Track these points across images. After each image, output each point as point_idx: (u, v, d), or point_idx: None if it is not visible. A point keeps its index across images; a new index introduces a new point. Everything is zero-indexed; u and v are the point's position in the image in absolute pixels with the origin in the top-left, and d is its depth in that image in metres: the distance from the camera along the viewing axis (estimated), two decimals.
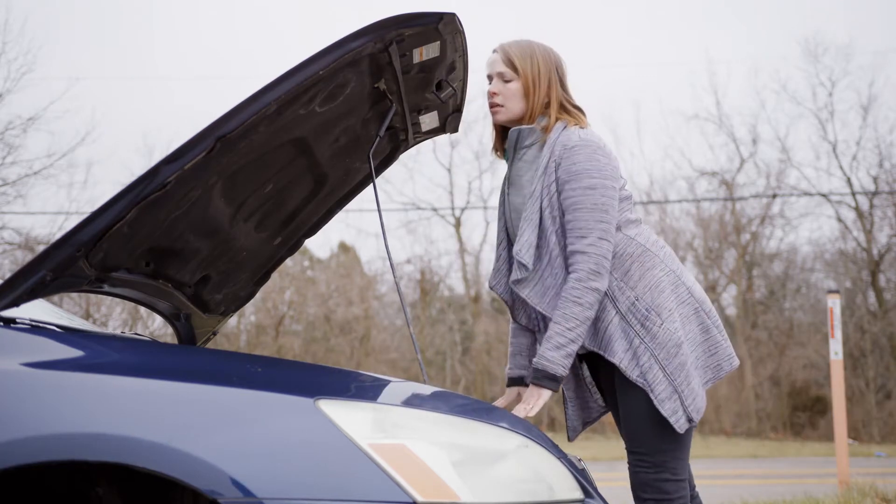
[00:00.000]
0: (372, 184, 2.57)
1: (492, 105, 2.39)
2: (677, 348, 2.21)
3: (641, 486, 2.26)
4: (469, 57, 2.41)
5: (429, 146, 22.25)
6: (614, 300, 2.26)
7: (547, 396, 2.19)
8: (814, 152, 29.57)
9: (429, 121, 2.66)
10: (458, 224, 22.33)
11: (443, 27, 2.15)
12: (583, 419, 2.48)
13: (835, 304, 6.69)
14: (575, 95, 2.41)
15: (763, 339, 22.15)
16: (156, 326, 16.86)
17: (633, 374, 2.21)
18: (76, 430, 1.50)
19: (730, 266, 23.07)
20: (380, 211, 2.50)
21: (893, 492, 5.66)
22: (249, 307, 20.06)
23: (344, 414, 1.60)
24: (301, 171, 2.43)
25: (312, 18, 34.64)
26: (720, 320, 2.38)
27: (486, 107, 2.43)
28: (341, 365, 19.64)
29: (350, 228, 30.06)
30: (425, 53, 2.25)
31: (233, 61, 34.10)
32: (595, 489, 1.80)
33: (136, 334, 2.50)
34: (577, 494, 1.73)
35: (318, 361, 18.74)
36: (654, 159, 37.80)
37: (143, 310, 16.42)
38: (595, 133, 2.32)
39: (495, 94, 2.37)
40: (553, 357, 2.18)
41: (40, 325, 1.81)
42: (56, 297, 12.21)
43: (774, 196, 22.67)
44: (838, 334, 6.63)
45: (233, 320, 19.47)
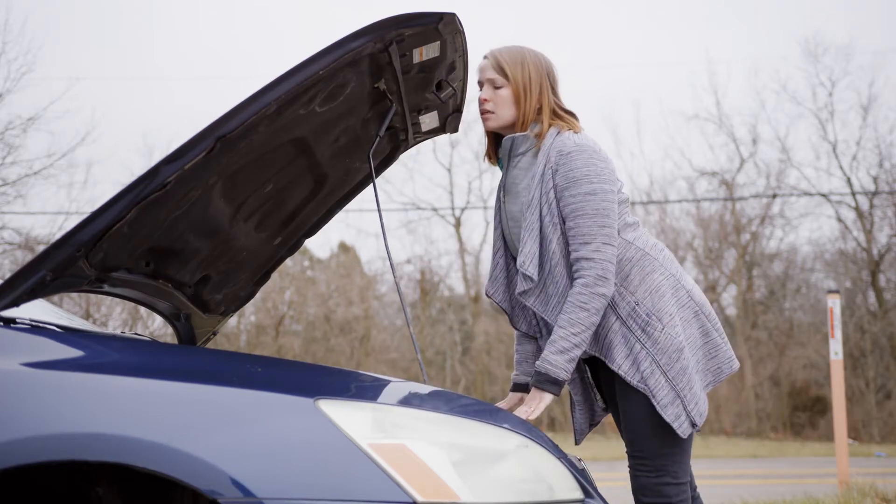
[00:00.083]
0: (372, 184, 2.57)
1: (483, 112, 2.37)
2: (679, 353, 2.21)
3: (642, 490, 2.26)
4: (469, 57, 2.41)
5: (429, 146, 22.26)
6: (614, 305, 2.25)
7: (549, 400, 2.19)
8: (814, 152, 29.63)
9: (429, 121, 2.66)
10: (458, 224, 22.34)
11: (443, 27, 2.15)
12: (589, 421, 2.48)
13: (835, 304, 6.69)
14: (566, 100, 2.39)
15: (763, 339, 22.14)
16: (156, 326, 16.86)
17: (634, 379, 2.21)
18: (76, 430, 1.50)
19: (730, 266, 23.07)
20: (380, 211, 2.50)
21: (893, 492, 5.66)
22: (249, 307, 20.06)
23: (344, 414, 1.60)
24: (301, 171, 2.43)
25: (312, 18, 34.69)
26: (720, 323, 2.37)
27: None
28: (341, 365, 19.63)
29: (350, 228, 30.15)
30: (425, 53, 2.25)
31: (233, 61, 34.16)
32: (595, 489, 1.80)
33: (136, 334, 2.50)
34: (577, 494, 1.73)
35: (318, 361, 18.73)
36: (654, 159, 37.83)
37: (143, 310, 16.42)
38: (589, 137, 2.31)
39: (486, 100, 2.36)
40: (556, 361, 2.18)
41: (40, 325, 1.81)
42: (56, 297, 12.21)
43: (774, 196, 22.67)
44: (838, 334, 6.64)
45: (233, 320, 19.46)
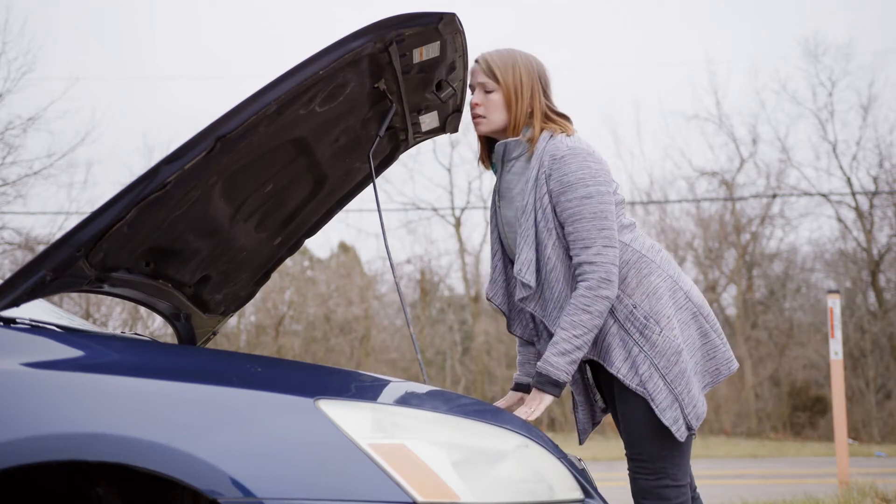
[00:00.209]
0: (372, 184, 2.57)
1: (474, 116, 2.36)
2: (677, 356, 2.20)
3: (642, 493, 2.25)
4: (469, 57, 2.41)
5: (429, 146, 22.23)
6: (612, 309, 2.25)
7: (549, 401, 2.19)
8: (814, 152, 29.53)
9: (429, 121, 2.66)
10: (458, 224, 22.31)
11: (443, 27, 2.15)
12: (591, 421, 2.48)
13: (835, 304, 6.69)
14: (566, 100, 2.40)
15: (763, 339, 22.13)
16: (156, 326, 16.85)
17: (633, 382, 2.21)
18: (76, 430, 1.50)
19: (730, 266, 23.04)
20: (380, 211, 2.50)
21: (893, 492, 5.66)
22: (249, 307, 20.05)
23: (344, 414, 1.60)
24: (301, 171, 2.43)
25: (312, 18, 34.66)
26: (718, 324, 2.36)
27: None
28: (341, 365, 19.63)
29: (350, 228, 30.09)
30: (425, 53, 2.25)
31: (233, 61, 34.13)
32: (595, 489, 1.80)
33: (136, 334, 2.50)
34: (577, 494, 1.73)
35: (318, 361, 18.73)
36: (654, 159, 37.67)
37: (143, 310, 16.42)
38: (582, 139, 2.30)
39: (477, 105, 2.35)
40: (557, 363, 2.17)
41: (40, 325, 1.81)
42: (56, 297, 12.21)
43: (774, 196, 22.65)
44: (838, 334, 6.64)
45: (233, 320, 19.47)
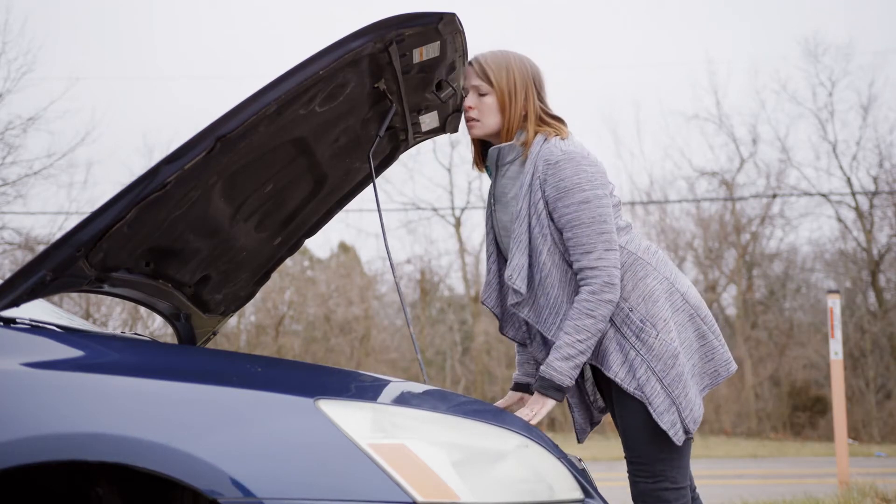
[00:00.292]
0: (372, 184, 2.57)
1: (468, 120, 2.35)
2: (674, 359, 2.19)
3: (641, 496, 2.25)
4: (469, 57, 2.41)
5: (429, 146, 22.23)
6: None
7: (551, 405, 2.19)
8: (814, 152, 29.49)
9: (429, 121, 2.66)
10: (458, 224, 22.30)
11: (443, 27, 2.15)
12: (589, 421, 2.48)
13: (835, 304, 6.69)
14: (567, 101, 2.39)
15: (763, 339, 22.12)
16: (156, 326, 16.85)
17: (631, 386, 2.20)
18: (76, 430, 1.50)
19: (730, 266, 23.04)
20: (380, 211, 2.50)
21: (893, 492, 5.66)
22: (249, 307, 20.05)
23: (344, 414, 1.60)
24: (301, 171, 2.43)
25: (312, 18, 34.66)
26: (717, 325, 2.35)
27: None
28: (341, 365, 19.63)
29: (350, 228, 30.05)
30: (425, 53, 2.25)
31: (233, 61, 34.12)
32: (595, 489, 1.80)
33: (136, 334, 2.51)
34: (577, 494, 1.73)
35: (318, 361, 18.73)
36: (654, 159, 37.69)
37: (143, 310, 16.41)
38: (577, 142, 2.28)
39: (471, 108, 2.33)
40: (561, 368, 2.17)
41: (40, 325, 1.81)
42: (56, 297, 12.21)
43: (774, 196, 22.64)
44: (838, 334, 6.64)
45: (233, 320, 19.47)
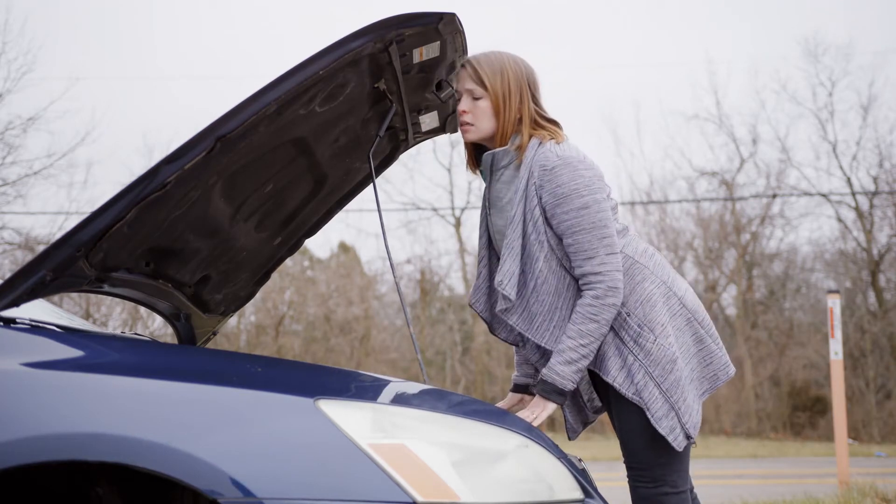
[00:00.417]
0: (372, 184, 2.57)
1: (462, 124, 2.30)
2: (672, 364, 2.18)
3: (642, 501, 2.24)
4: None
5: (429, 146, 22.21)
6: None
7: (552, 409, 2.18)
8: (814, 152, 29.46)
9: (429, 121, 2.66)
10: (458, 224, 22.29)
11: (443, 27, 2.16)
12: (581, 421, 2.48)
13: (835, 304, 6.69)
14: (554, 104, 2.32)
15: (763, 339, 22.12)
16: (156, 326, 16.85)
17: (629, 392, 2.19)
18: (76, 430, 1.50)
19: (730, 266, 23.03)
20: (380, 211, 2.50)
21: (893, 492, 5.66)
22: (249, 307, 20.05)
23: (344, 414, 1.60)
24: (301, 171, 2.43)
25: (312, 18, 34.65)
26: (714, 328, 2.34)
27: None
28: (341, 365, 19.63)
29: (350, 228, 30.05)
30: (425, 53, 2.25)
31: (233, 61, 34.10)
32: (595, 489, 1.80)
33: (136, 334, 2.51)
34: (577, 494, 1.73)
35: (318, 361, 18.73)
36: (654, 159, 37.73)
37: (143, 310, 16.41)
38: (572, 146, 2.25)
39: (465, 112, 2.28)
40: (563, 372, 2.16)
41: (40, 325, 1.81)
42: (56, 297, 12.21)
43: (774, 196, 22.64)
44: (838, 334, 6.64)
45: (233, 320, 19.47)
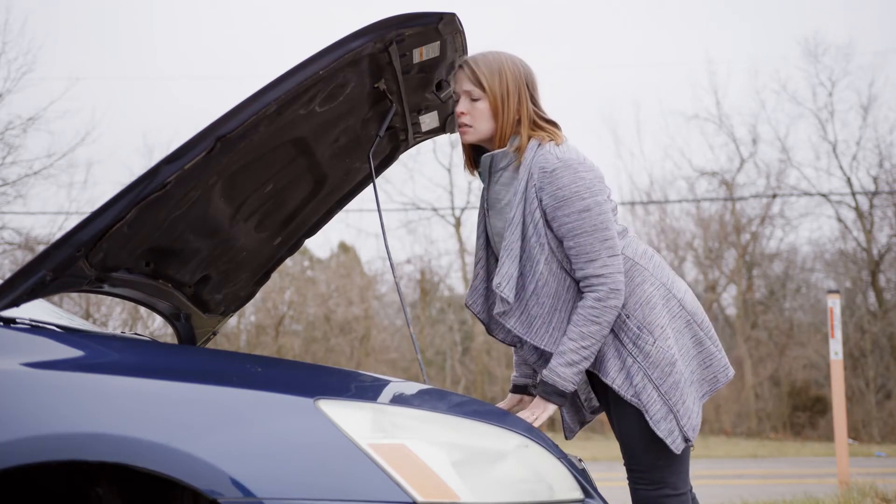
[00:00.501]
0: (372, 184, 2.57)
1: (460, 126, 2.29)
2: (671, 367, 2.17)
3: (642, 503, 2.25)
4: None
5: (429, 146, 22.21)
6: None
7: (553, 410, 2.18)
8: (814, 152, 29.45)
9: (429, 121, 2.66)
10: (458, 224, 22.29)
11: (443, 27, 2.16)
12: (578, 421, 2.48)
13: (835, 304, 6.69)
14: (552, 105, 2.31)
15: (763, 339, 22.12)
16: (156, 326, 16.85)
17: (628, 394, 2.18)
18: (76, 430, 1.50)
19: (730, 266, 23.03)
20: (380, 211, 2.50)
21: (893, 492, 5.66)
22: (249, 307, 20.04)
23: (344, 414, 1.60)
24: (301, 171, 2.43)
25: (312, 18, 34.65)
26: (713, 330, 2.33)
27: None
28: (341, 365, 19.63)
29: (350, 228, 30.04)
30: (425, 53, 2.25)
31: (233, 61, 34.09)
32: (595, 489, 1.80)
33: (136, 334, 2.51)
34: (577, 494, 1.73)
35: (318, 361, 18.73)
36: (654, 159, 37.73)
37: (143, 310, 16.41)
38: (572, 147, 2.24)
39: (463, 113, 2.26)
40: (564, 374, 2.16)
41: (40, 325, 1.81)
42: (56, 297, 12.21)
43: (774, 196, 22.64)
44: (838, 334, 6.64)
45: (233, 320, 19.46)
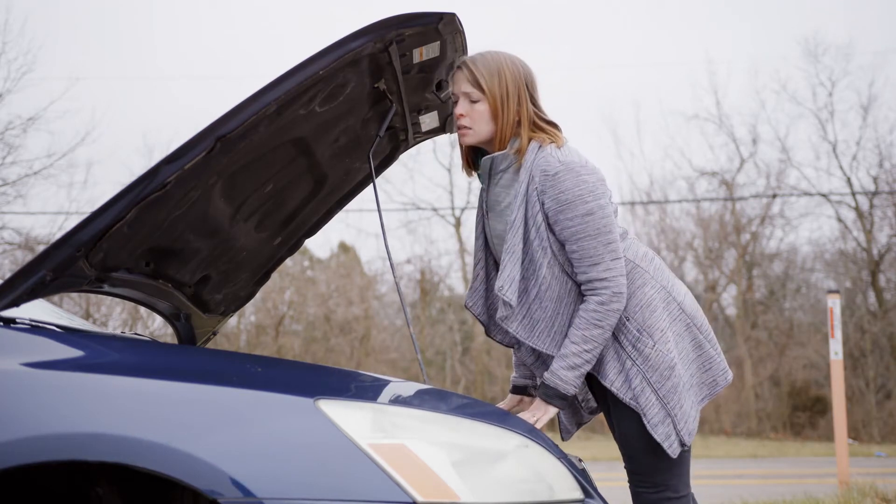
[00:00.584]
0: (372, 184, 2.57)
1: (459, 128, 2.26)
2: (670, 370, 2.17)
3: None
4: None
5: (429, 146, 22.21)
6: None
7: (553, 412, 2.19)
8: (814, 152, 29.44)
9: (429, 121, 2.66)
10: (458, 224, 22.28)
11: (443, 27, 2.16)
12: (576, 422, 2.47)
13: (835, 304, 6.69)
14: (551, 105, 2.28)
15: (763, 339, 22.12)
16: (156, 326, 16.85)
17: (626, 397, 2.18)
18: (76, 430, 1.50)
19: (730, 266, 23.03)
20: (380, 211, 2.50)
21: (893, 492, 5.66)
22: (249, 307, 20.04)
23: (344, 414, 1.60)
24: (301, 171, 2.43)
25: (312, 18, 34.65)
26: (713, 333, 2.33)
27: None
28: (341, 365, 19.63)
29: (350, 228, 30.04)
30: (425, 53, 2.25)
31: (233, 61, 34.09)
32: (595, 489, 1.80)
33: (136, 334, 2.51)
34: (577, 494, 1.73)
35: (318, 361, 18.73)
36: (654, 159, 37.72)
37: (143, 310, 16.41)
38: (573, 150, 2.22)
39: (462, 115, 2.22)
40: (566, 377, 2.15)
41: (40, 325, 1.81)
42: (56, 297, 12.21)
43: (774, 196, 22.63)
44: (838, 334, 6.64)
45: (233, 320, 19.46)
